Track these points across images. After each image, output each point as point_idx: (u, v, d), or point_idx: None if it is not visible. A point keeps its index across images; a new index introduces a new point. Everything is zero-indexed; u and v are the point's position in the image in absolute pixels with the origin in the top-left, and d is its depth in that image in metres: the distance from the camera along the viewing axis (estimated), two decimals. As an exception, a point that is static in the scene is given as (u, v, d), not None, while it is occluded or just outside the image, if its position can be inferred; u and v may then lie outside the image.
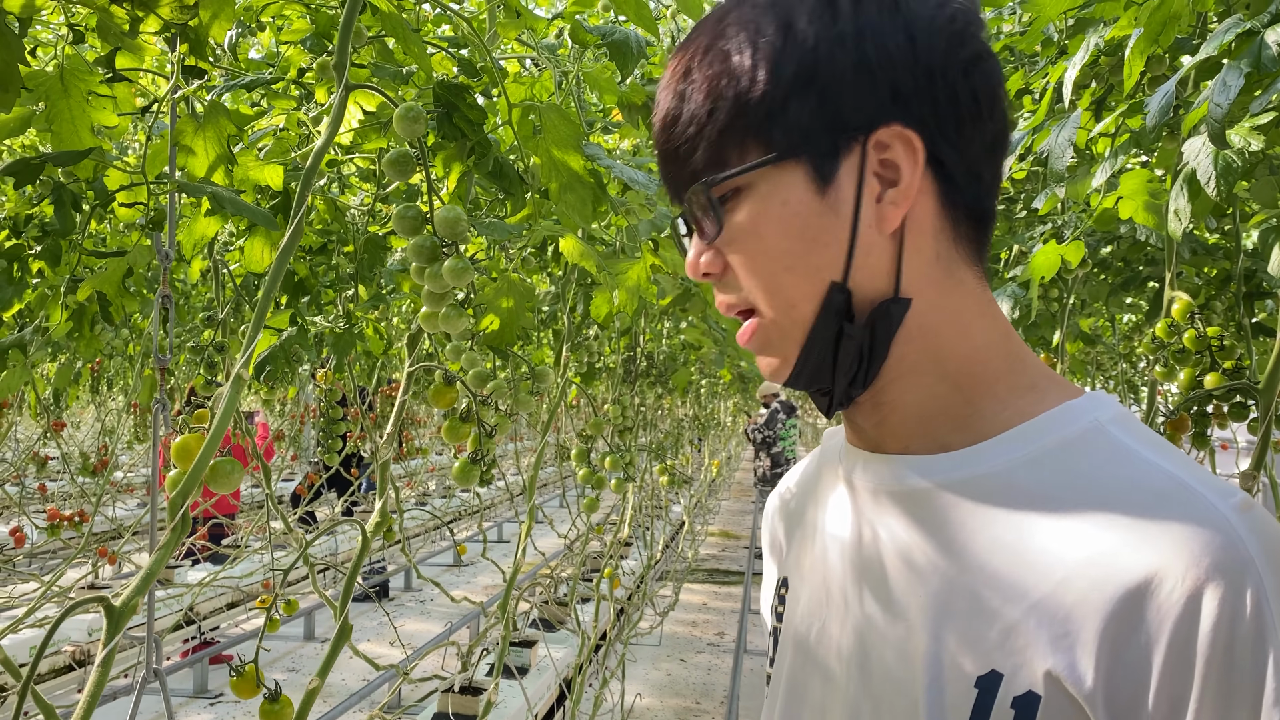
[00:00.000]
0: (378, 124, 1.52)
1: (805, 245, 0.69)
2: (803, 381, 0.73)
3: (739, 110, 0.69)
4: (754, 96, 0.69)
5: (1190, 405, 1.52)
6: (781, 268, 0.70)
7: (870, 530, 0.75)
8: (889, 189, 0.68)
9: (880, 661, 0.72)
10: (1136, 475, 0.63)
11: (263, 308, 0.96)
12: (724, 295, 0.76)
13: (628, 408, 3.00)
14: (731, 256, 0.73)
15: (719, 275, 0.75)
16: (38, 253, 2.00)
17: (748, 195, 0.70)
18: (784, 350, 0.73)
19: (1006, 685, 0.63)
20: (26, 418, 6.50)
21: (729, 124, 0.70)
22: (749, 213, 0.70)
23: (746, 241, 0.71)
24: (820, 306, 0.70)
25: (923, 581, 0.69)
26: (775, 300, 0.71)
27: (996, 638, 0.64)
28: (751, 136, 0.69)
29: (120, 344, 4.59)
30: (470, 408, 1.34)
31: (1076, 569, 0.61)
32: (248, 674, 1.18)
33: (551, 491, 12.99)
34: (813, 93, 0.68)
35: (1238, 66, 0.90)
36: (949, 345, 0.72)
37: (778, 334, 0.73)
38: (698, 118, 0.71)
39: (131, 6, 1.14)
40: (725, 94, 0.70)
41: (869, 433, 0.76)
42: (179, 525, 0.86)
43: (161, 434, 1.50)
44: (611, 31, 1.39)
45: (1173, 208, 1.35)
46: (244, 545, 5.33)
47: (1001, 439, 0.69)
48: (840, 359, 0.71)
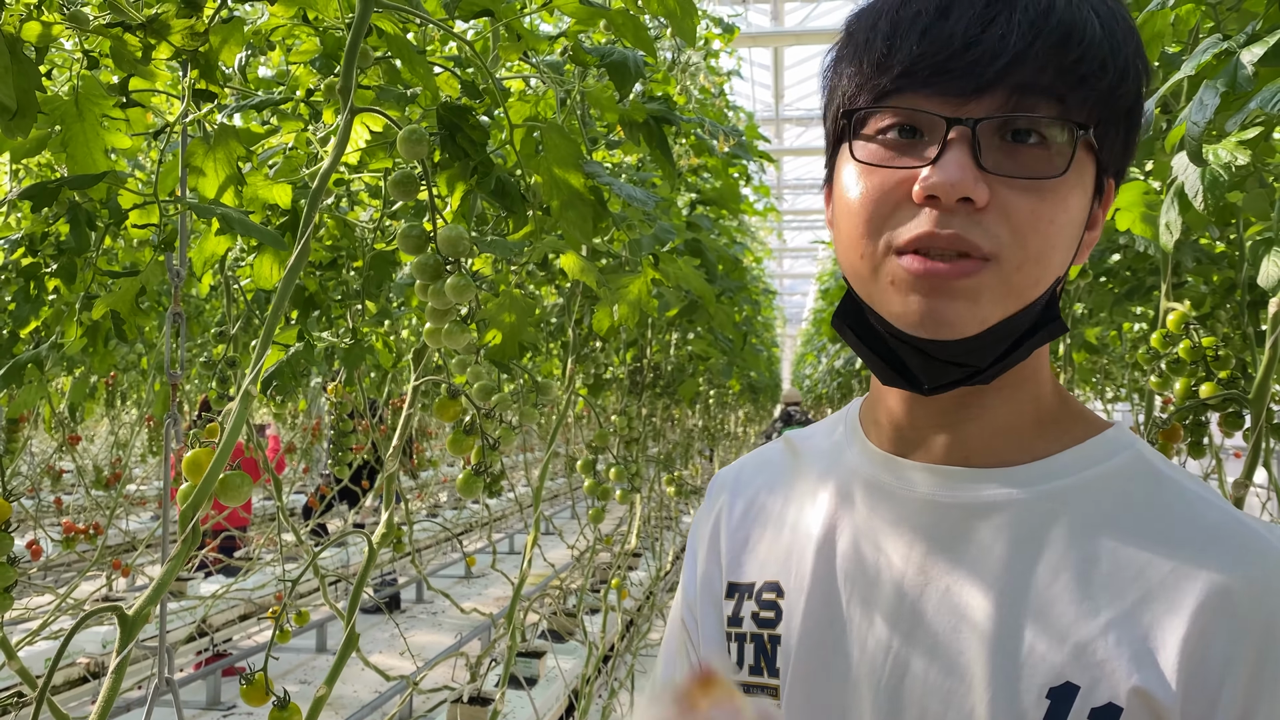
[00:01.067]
0: (384, 143, 1.55)
1: (1074, 239, 0.71)
2: (968, 348, 0.69)
3: (1110, 88, 0.68)
4: (1121, 89, 0.68)
5: (1185, 415, 1.54)
6: (1060, 244, 0.69)
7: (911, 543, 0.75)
8: (1088, 232, 0.73)
9: (925, 675, 0.71)
10: (1190, 506, 0.69)
11: (271, 324, 0.99)
12: (960, 230, 0.66)
13: (634, 419, 3.02)
14: (1021, 203, 0.67)
15: (974, 208, 0.67)
16: (53, 271, 2.05)
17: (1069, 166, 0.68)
18: (989, 311, 0.68)
19: (1084, 697, 0.65)
20: (42, 432, 6.55)
21: (1097, 90, 0.67)
22: (1068, 180, 0.68)
23: (1052, 204, 0.67)
24: (1045, 293, 0.70)
25: (978, 596, 0.71)
26: (1034, 268, 0.68)
27: (1071, 651, 0.66)
28: (1098, 115, 0.68)
29: (134, 358, 4.65)
30: (474, 420, 1.37)
31: (1152, 590, 0.66)
32: (257, 682, 1.21)
33: (562, 503, 13.00)
34: (1131, 123, 0.71)
35: (1214, 86, 0.92)
36: (1043, 371, 0.76)
37: (1000, 294, 0.67)
38: (1090, 57, 0.66)
39: (144, 34, 1.18)
40: (1110, 64, 0.67)
41: (921, 434, 0.76)
42: (189, 537, 0.89)
43: (173, 448, 1.53)
44: (610, 52, 1.42)
45: (1164, 220, 1.38)
46: (256, 558, 5.37)
47: (1060, 459, 0.73)
48: (1021, 347, 0.71)
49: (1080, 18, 0.66)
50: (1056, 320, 0.72)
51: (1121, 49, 0.68)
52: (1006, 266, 0.66)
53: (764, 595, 0.83)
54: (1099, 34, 0.66)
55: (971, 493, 0.73)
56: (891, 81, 0.68)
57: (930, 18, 0.67)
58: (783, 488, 0.87)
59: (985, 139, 0.66)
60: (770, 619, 0.82)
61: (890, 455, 0.78)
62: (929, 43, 0.67)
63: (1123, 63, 0.68)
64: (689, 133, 2.52)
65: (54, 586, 5.12)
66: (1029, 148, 0.67)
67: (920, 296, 0.67)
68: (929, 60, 0.67)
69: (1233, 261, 2.48)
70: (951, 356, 0.70)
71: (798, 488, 0.86)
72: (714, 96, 3.40)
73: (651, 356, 3.69)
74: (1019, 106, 0.66)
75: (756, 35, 11.36)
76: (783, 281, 26.86)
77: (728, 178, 2.96)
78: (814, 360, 14.41)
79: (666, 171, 1.73)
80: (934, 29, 0.66)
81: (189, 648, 5.70)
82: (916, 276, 0.67)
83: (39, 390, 2.29)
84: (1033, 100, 0.66)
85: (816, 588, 0.79)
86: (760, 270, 8.23)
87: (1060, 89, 0.66)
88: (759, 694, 0.82)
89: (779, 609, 0.81)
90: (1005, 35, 0.65)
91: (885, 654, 0.73)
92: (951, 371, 0.71)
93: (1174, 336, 1.60)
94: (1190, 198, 1.21)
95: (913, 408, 0.76)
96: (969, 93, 0.66)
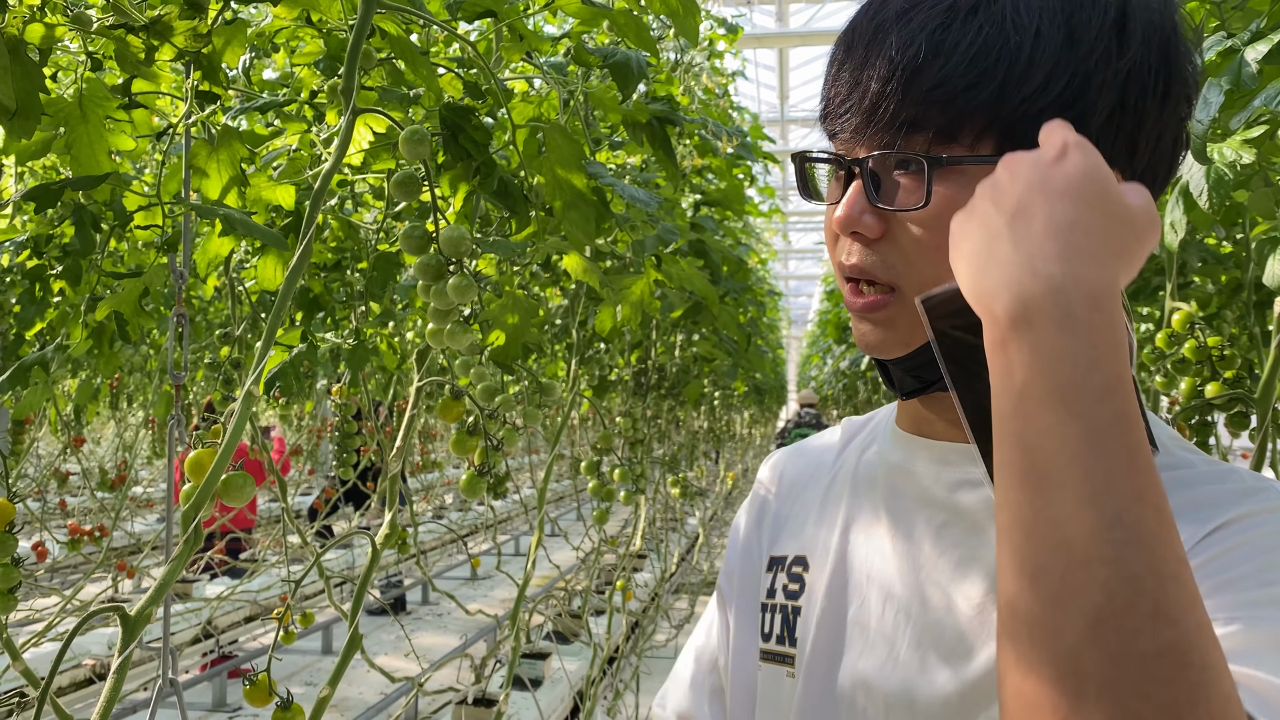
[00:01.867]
0: (387, 144, 1.55)
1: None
2: (909, 365, 0.74)
3: (998, 98, 0.65)
4: (1021, 92, 0.64)
5: (1190, 415, 1.53)
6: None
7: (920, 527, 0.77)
8: None
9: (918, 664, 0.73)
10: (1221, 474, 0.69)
11: (273, 325, 0.99)
12: (859, 260, 0.71)
13: (638, 420, 3.02)
14: (908, 232, 0.68)
15: (870, 239, 0.70)
16: (59, 273, 2.05)
17: (955, 179, 0.67)
18: (908, 335, 0.72)
19: None
20: (48, 434, 6.57)
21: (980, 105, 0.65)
22: (950, 201, 0.66)
23: (937, 228, 0.66)
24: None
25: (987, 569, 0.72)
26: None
27: None
28: (988, 124, 0.66)
29: (139, 360, 4.65)
30: (477, 421, 1.37)
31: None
32: (260, 683, 1.21)
33: (567, 505, 13.01)
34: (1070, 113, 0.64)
35: (1218, 84, 0.92)
36: None
37: (912, 320, 0.69)
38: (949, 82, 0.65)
39: (148, 35, 1.18)
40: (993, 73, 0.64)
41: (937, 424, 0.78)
42: (191, 537, 0.89)
43: (178, 450, 1.53)
44: (613, 53, 1.42)
45: (1169, 220, 1.37)
46: (261, 560, 5.37)
47: None
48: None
49: (948, 40, 0.65)
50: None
51: (1026, 54, 0.64)
52: (908, 294, 0.70)
53: (793, 569, 0.88)
54: (975, 49, 0.65)
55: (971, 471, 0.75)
56: (827, 126, 0.75)
57: (835, 67, 0.73)
58: (826, 467, 0.92)
59: (883, 174, 0.70)
60: (795, 590, 0.86)
61: (908, 434, 0.82)
62: (828, 93, 0.74)
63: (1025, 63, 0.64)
64: (692, 133, 2.52)
65: (60, 588, 5.13)
66: (910, 175, 0.69)
67: (858, 325, 0.75)
68: (829, 108, 0.74)
69: (1239, 261, 2.47)
70: (905, 370, 0.75)
71: (837, 470, 0.90)
72: (718, 97, 3.40)
73: (656, 358, 3.68)
74: (889, 144, 0.69)
75: (761, 36, 11.36)
76: (788, 283, 26.83)
77: (732, 179, 2.96)
78: (819, 362, 14.39)
79: (670, 172, 1.73)
80: (833, 79, 0.73)
81: (194, 649, 5.71)
82: (851, 310, 0.75)
83: (44, 392, 2.30)
84: (911, 133, 0.68)
85: (837, 565, 0.83)
86: (765, 272, 8.22)
87: (930, 117, 0.66)
88: (780, 662, 0.86)
89: (803, 581, 0.86)
90: (871, 77, 0.69)
91: (889, 641, 0.76)
92: (913, 382, 0.76)
93: (1179, 336, 1.59)
94: (1195, 197, 1.21)
95: (925, 402, 0.80)
96: (860, 134, 0.71)
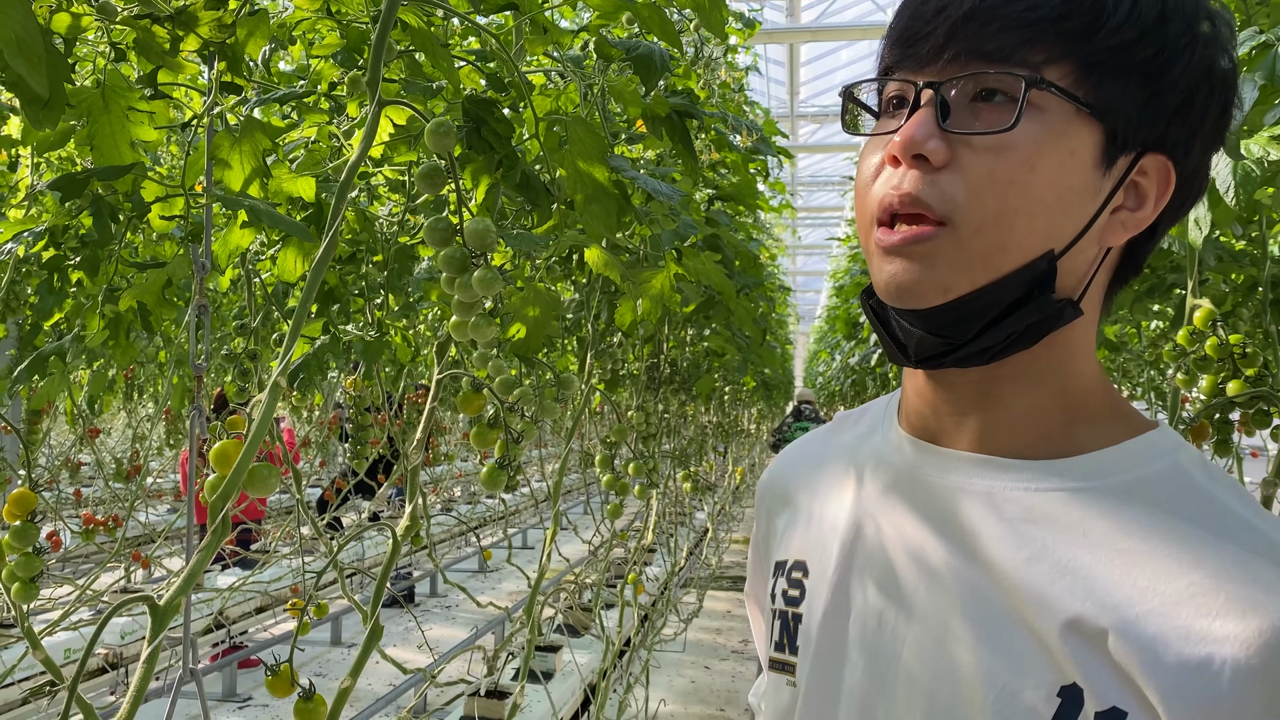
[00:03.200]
0: (408, 137, 1.55)
1: (1060, 206, 0.67)
2: (940, 320, 0.69)
3: (1087, 34, 0.65)
4: (1112, 40, 0.65)
5: (1212, 413, 1.52)
6: (1026, 208, 0.66)
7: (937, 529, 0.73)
8: (1125, 210, 0.70)
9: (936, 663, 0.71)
10: (1222, 523, 0.65)
11: (299, 316, 0.99)
12: (912, 188, 0.67)
13: (651, 414, 3.02)
14: (978, 161, 0.66)
15: (932, 167, 0.67)
16: (76, 263, 2.05)
17: (1034, 116, 0.65)
18: (949, 278, 0.67)
19: (1089, 700, 0.63)
20: (60, 424, 6.59)
21: (1067, 36, 0.65)
22: (1033, 138, 0.65)
23: (1012, 163, 0.65)
24: (1024, 265, 0.67)
25: (987, 588, 0.69)
26: (992, 232, 0.66)
27: (1072, 652, 0.64)
28: (1076, 64, 0.65)
29: (152, 352, 4.67)
30: (498, 414, 1.37)
31: (1163, 604, 0.62)
32: (283, 674, 1.21)
33: (576, 498, 13.02)
34: (1153, 86, 0.66)
35: (1252, 79, 0.91)
36: (1074, 366, 0.73)
37: (958, 260, 0.67)
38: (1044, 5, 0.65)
39: (172, 26, 1.18)
40: (1085, 9, 0.65)
41: (943, 422, 0.75)
42: (219, 527, 0.89)
43: (197, 441, 1.53)
44: (636, 46, 1.42)
45: (1193, 216, 1.36)
46: (273, 550, 5.39)
47: (1091, 459, 0.70)
48: (1002, 323, 0.68)
49: None
50: (1051, 302, 0.68)
51: (1126, 6, 0.64)
52: (963, 230, 0.66)
53: (793, 574, 0.85)
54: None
55: (991, 482, 0.72)
56: (888, 55, 0.72)
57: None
58: (824, 466, 0.88)
59: (956, 102, 0.67)
60: (795, 597, 0.83)
61: (916, 440, 0.78)
62: (909, 17, 0.70)
63: (1121, 15, 0.64)
64: (710, 127, 2.51)
65: (73, 578, 5.15)
66: (992, 106, 0.67)
67: (885, 263, 0.69)
68: (910, 30, 0.70)
69: (1254, 259, 2.46)
70: (930, 328, 0.70)
71: (834, 468, 0.87)
72: (733, 92, 3.39)
73: (668, 353, 3.68)
74: (964, 66, 0.66)
75: (772, 31, 11.34)
76: (796, 279, 26.79)
77: (746, 173, 2.95)
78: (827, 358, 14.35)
79: (689, 166, 1.73)
80: (915, 4, 0.70)
81: (206, 639, 5.74)
82: (880, 245, 0.69)
83: (62, 383, 2.31)
84: (980, 60, 0.66)
85: (839, 573, 0.79)
86: (775, 267, 8.21)
87: (1013, 45, 0.65)
88: (781, 670, 0.83)
89: (803, 588, 0.83)
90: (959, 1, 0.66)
91: (898, 641, 0.73)
92: (933, 344, 0.70)
93: (1201, 333, 1.59)
94: (1222, 193, 1.20)
95: (935, 394, 0.76)
96: (931, 58, 0.68)
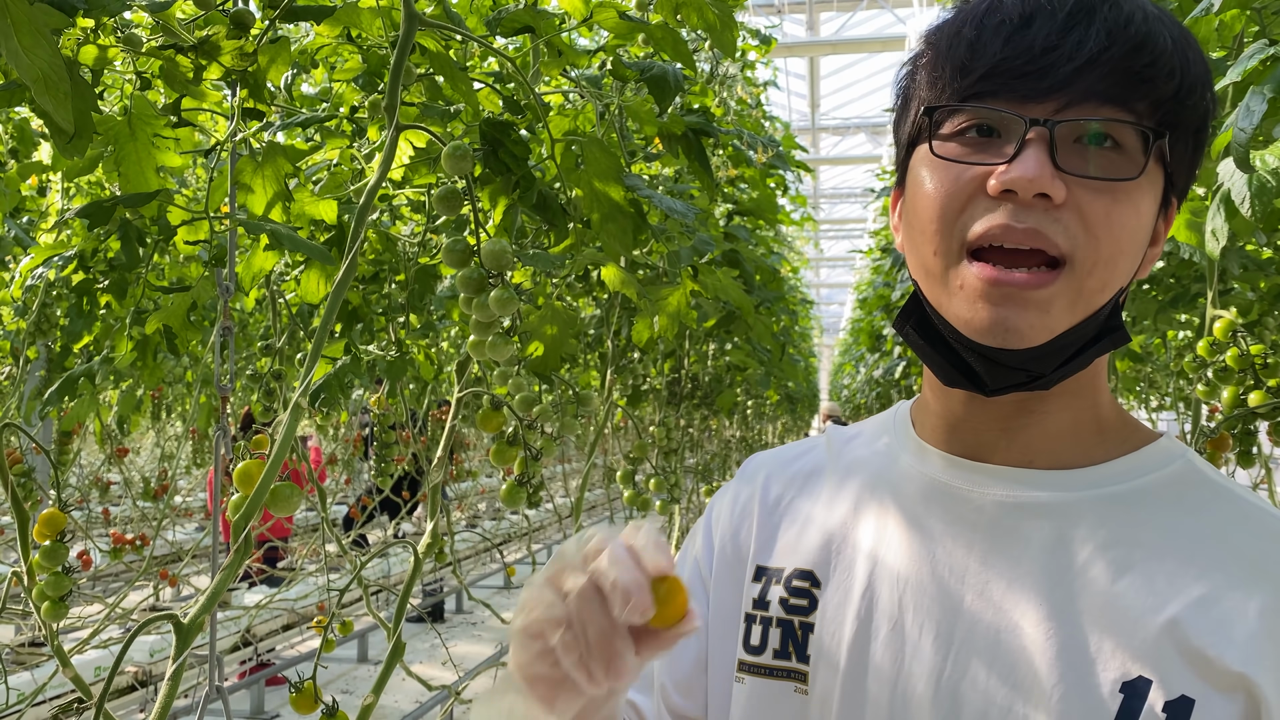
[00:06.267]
0: (427, 159, 1.57)
1: (1139, 249, 0.73)
2: (1032, 356, 0.71)
3: (1178, 97, 0.70)
4: (1188, 101, 0.71)
5: (1234, 424, 1.52)
6: (1128, 251, 0.71)
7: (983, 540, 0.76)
8: (1153, 245, 0.75)
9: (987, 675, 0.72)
10: (1244, 513, 0.72)
11: (319, 338, 1.01)
12: (1037, 225, 0.69)
13: (672, 430, 3.02)
14: (1096, 204, 0.69)
15: (1050, 206, 0.69)
16: (105, 286, 2.09)
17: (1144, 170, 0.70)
18: (1059, 320, 0.70)
19: (1157, 690, 0.66)
20: (90, 444, 6.67)
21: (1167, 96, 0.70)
22: (1139, 185, 0.70)
23: (1126, 208, 0.70)
24: (1109, 302, 0.72)
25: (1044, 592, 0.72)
26: (1102, 272, 0.70)
27: (1139, 646, 0.68)
28: (1163, 120, 0.70)
29: (179, 372, 4.73)
30: (517, 431, 1.38)
31: (1219, 587, 0.68)
32: (306, 690, 1.23)
33: (600, 514, 13.03)
34: (1196, 139, 0.74)
35: (1261, 92, 0.91)
36: (1101, 378, 0.78)
37: (1072, 301, 0.70)
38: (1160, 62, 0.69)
39: (196, 55, 1.21)
40: (1177, 73, 0.70)
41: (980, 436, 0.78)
42: (242, 546, 0.91)
43: (221, 459, 1.55)
44: (650, 66, 1.44)
45: (1210, 228, 1.36)
46: (299, 568, 5.42)
47: (1118, 465, 0.75)
48: (1082, 355, 0.73)
49: (1154, 30, 0.69)
50: (1119, 329, 0.74)
51: (1192, 66, 0.70)
52: (1080, 269, 0.69)
53: (794, 583, 0.84)
54: (1170, 47, 0.69)
55: (1034, 495, 0.75)
56: (973, 85, 0.71)
57: (1013, 26, 0.70)
58: (822, 480, 0.89)
59: (1060, 141, 0.69)
60: (802, 606, 0.83)
61: (951, 456, 0.79)
62: (1011, 48, 0.69)
63: (1192, 78, 0.70)
64: (727, 144, 2.52)
65: (103, 596, 5.21)
66: (1103, 151, 0.69)
67: (990, 305, 0.69)
68: (1009, 64, 0.69)
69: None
70: (1016, 363, 0.71)
71: (839, 483, 0.87)
72: (751, 108, 3.41)
73: (689, 367, 3.69)
74: (1092, 111, 0.68)
75: (792, 45, 11.37)
76: (819, 291, 26.73)
77: (765, 188, 2.96)
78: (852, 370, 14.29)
79: (705, 183, 1.74)
80: (1016, 36, 0.69)
81: (233, 657, 5.77)
82: (988, 284, 0.69)
83: (91, 404, 2.34)
84: (1106, 106, 0.69)
85: (869, 588, 0.79)
86: (797, 280, 8.20)
87: (1131, 96, 0.69)
88: (785, 677, 0.83)
89: (813, 597, 0.83)
90: (1082, 41, 0.68)
91: (945, 654, 0.74)
92: (1015, 375, 0.73)
93: (1221, 344, 1.58)
94: (1237, 204, 1.20)
95: (972, 410, 0.78)
96: (1045, 94, 0.68)
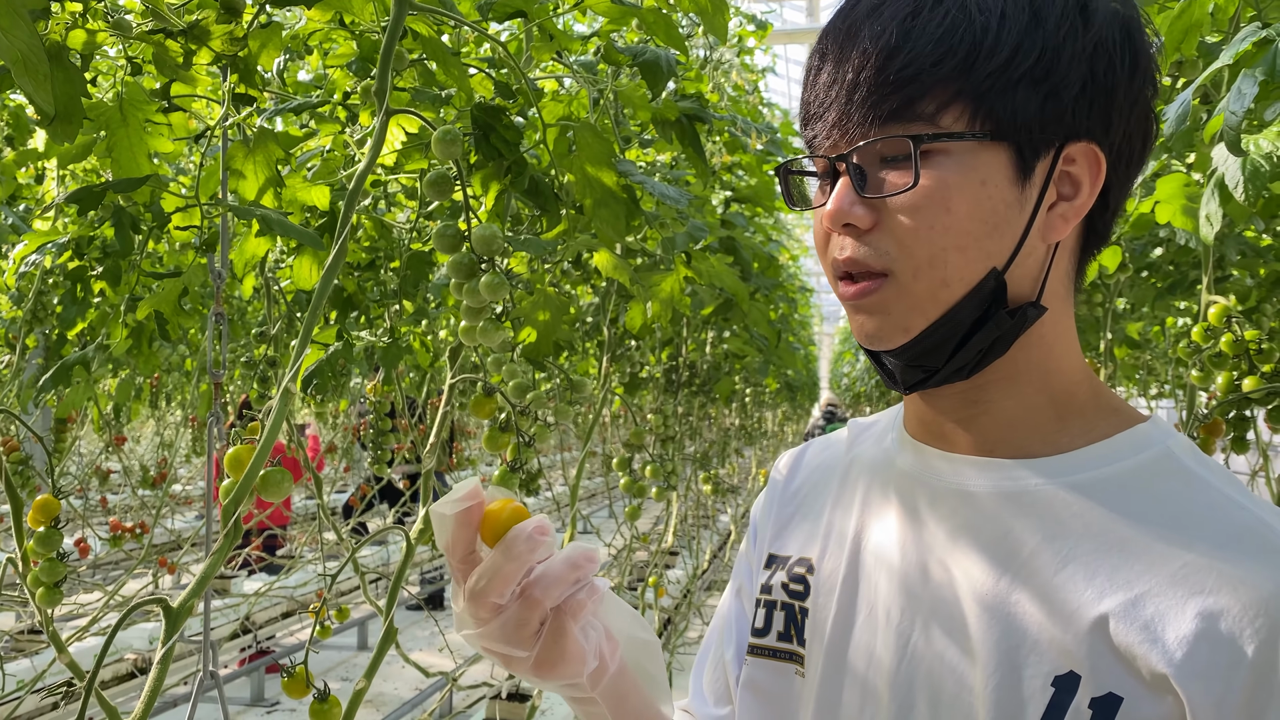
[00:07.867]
0: (420, 145, 1.57)
1: (987, 230, 0.70)
2: (912, 354, 0.73)
3: (966, 69, 0.68)
4: (990, 65, 0.68)
5: (1227, 410, 1.51)
6: (955, 244, 0.69)
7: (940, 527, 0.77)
8: (1063, 201, 0.72)
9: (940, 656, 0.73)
10: (1214, 505, 0.69)
11: (309, 324, 1.01)
12: (851, 252, 0.72)
13: (670, 417, 3.02)
14: (899, 218, 0.70)
15: (863, 231, 0.71)
16: (99, 273, 2.09)
17: (940, 161, 0.69)
18: (906, 320, 0.72)
19: (1085, 686, 0.66)
20: (89, 432, 6.68)
21: (949, 78, 0.68)
22: (939, 181, 0.69)
23: (928, 209, 0.69)
24: (971, 290, 0.71)
25: (990, 580, 0.72)
26: (929, 273, 0.70)
27: (1075, 639, 0.67)
28: (965, 100, 0.68)
29: (178, 360, 4.73)
30: (509, 418, 1.38)
31: (1160, 585, 0.66)
32: (298, 675, 1.23)
33: (599, 502, 13.04)
34: (1045, 87, 0.68)
35: (1253, 75, 0.91)
36: (1056, 361, 0.76)
37: (908, 304, 0.71)
38: (918, 60, 0.68)
39: (186, 40, 1.20)
40: (958, 49, 0.68)
41: (942, 427, 0.78)
42: (231, 531, 0.91)
43: (216, 447, 1.56)
44: (643, 51, 1.43)
45: (1204, 213, 1.36)
46: (298, 556, 5.43)
47: (1085, 453, 0.73)
48: (968, 344, 0.72)
49: (918, 25, 0.69)
50: (1006, 315, 0.72)
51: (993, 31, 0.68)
52: (902, 278, 0.71)
53: (795, 569, 0.88)
54: (941, 29, 0.68)
55: (992, 482, 0.75)
56: (807, 136, 0.77)
57: (812, 74, 0.75)
58: (834, 469, 0.91)
59: (869, 165, 0.72)
60: (800, 591, 0.86)
61: (920, 444, 0.81)
62: (811, 94, 0.75)
63: (993, 36, 0.68)
64: (722, 130, 2.52)
65: (102, 584, 5.22)
66: (897, 165, 0.71)
67: (854, 314, 0.75)
68: (811, 111, 0.75)
69: (1279, 254, 2.43)
70: (907, 361, 0.74)
71: (846, 471, 0.90)
72: (748, 93, 3.40)
73: (687, 355, 3.69)
74: (862, 136, 0.71)
75: (792, 31, 11.31)
76: (820, 279, 26.69)
77: (762, 175, 2.96)
78: (852, 359, 14.31)
79: (699, 169, 1.73)
80: (813, 79, 0.75)
81: (233, 645, 5.78)
82: (845, 299, 0.74)
83: (86, 391, 2.34)
84: (877, 126, 0.70)
85: (850, 570, 0.82)
86: (797, 268, 8.19)
87: (903, 102, 0.69)
88: (787, 659, 0.86)
89: (807, 583, 0.86)
90: (844, 69, 0.71)
91: (904, 635, 0.76)
92: (914, 373, 0.75)
93: (1216, 330, 1.58)
94: (1230, 189, 1.20)
95: (926, 405, 0.79)
96: (832, 132, 0.73)
